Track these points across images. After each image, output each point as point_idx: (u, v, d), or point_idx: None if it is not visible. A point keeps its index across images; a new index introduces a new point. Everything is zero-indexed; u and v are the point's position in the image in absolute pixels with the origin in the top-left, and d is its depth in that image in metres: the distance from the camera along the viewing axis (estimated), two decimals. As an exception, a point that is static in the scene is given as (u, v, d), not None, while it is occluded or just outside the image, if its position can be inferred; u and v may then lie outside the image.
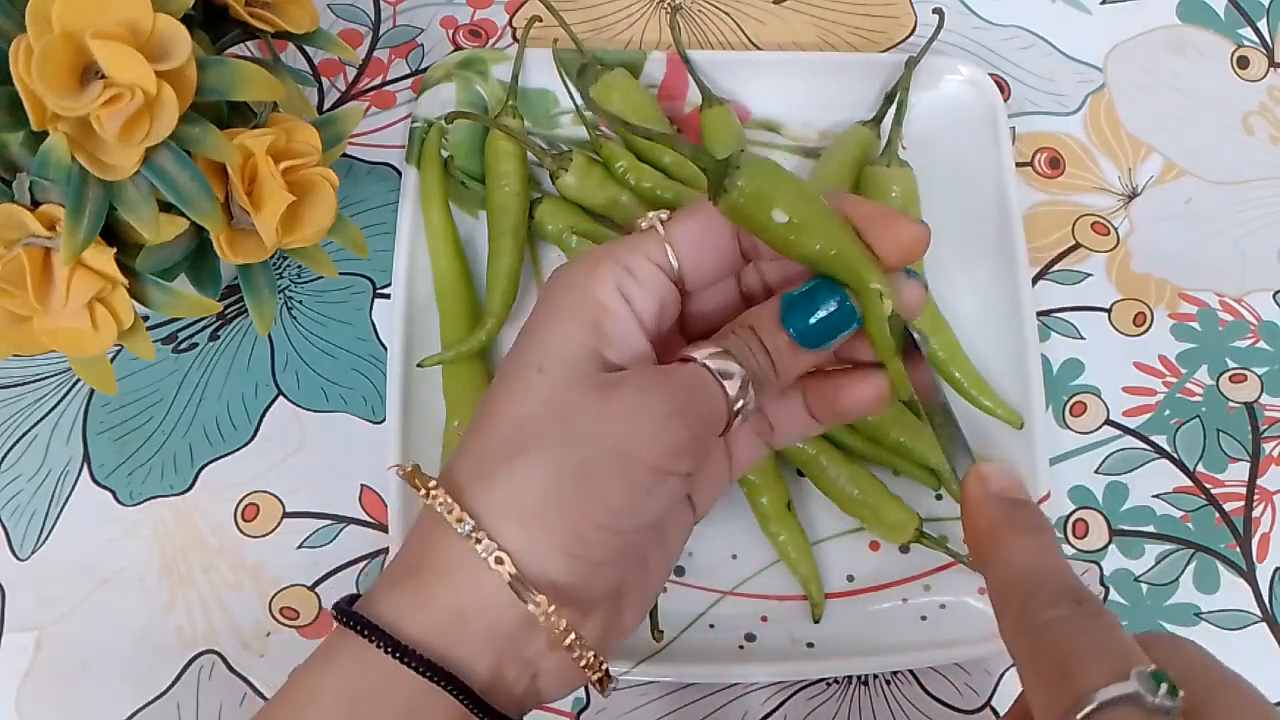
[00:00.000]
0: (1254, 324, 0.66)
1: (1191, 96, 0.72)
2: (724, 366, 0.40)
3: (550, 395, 0.39)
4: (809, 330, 0.41)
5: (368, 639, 0.37)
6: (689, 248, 0.43)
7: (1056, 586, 0.36)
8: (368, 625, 0.37)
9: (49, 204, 0.47)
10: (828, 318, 0.41)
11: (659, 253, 0.42)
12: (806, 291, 0.41)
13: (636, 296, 0.41)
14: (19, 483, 0.60)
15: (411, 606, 0.38)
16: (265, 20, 0.52)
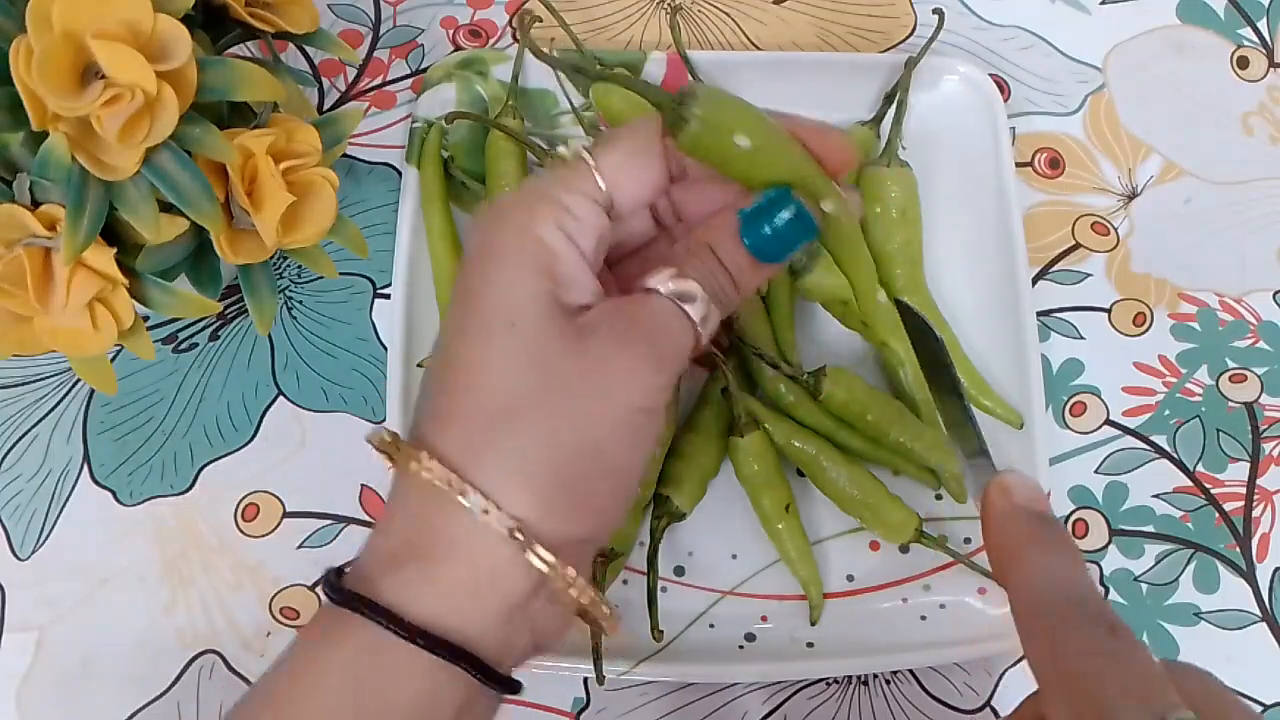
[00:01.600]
0: (1254, 324, 0.66)
1: (1191, 97, 0.72)
2: (686, 292, 0.40)
3: (530, 352, 0.38)
4: (769, 245, 0.41)
5: (379, 623, 0.36)
6: (620, 177, 0.42)
7: (1089, 614, 0.36)
8: (379, 609, 0.36)
9: (49, 204, 0.47)
10: (786, 231, 0.41)
11: (592, 186, 0.41)
12: (764, 205, 0.41)
13: (578, 235, 0.41)
14: (19, 482, 0.60)
15: (419, 586, 0.37)
16: (265, 20, 0.52)
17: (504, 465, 0.37)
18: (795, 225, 0.41)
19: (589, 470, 0.38)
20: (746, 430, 0.58)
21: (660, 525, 0.58)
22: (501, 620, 0.38)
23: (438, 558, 0.37)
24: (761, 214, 0.41)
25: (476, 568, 0.37)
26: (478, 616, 0.37)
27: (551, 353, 0.38)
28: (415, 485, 0.38)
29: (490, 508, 0.36)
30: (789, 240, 0.41)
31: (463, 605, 0.37)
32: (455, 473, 0.37)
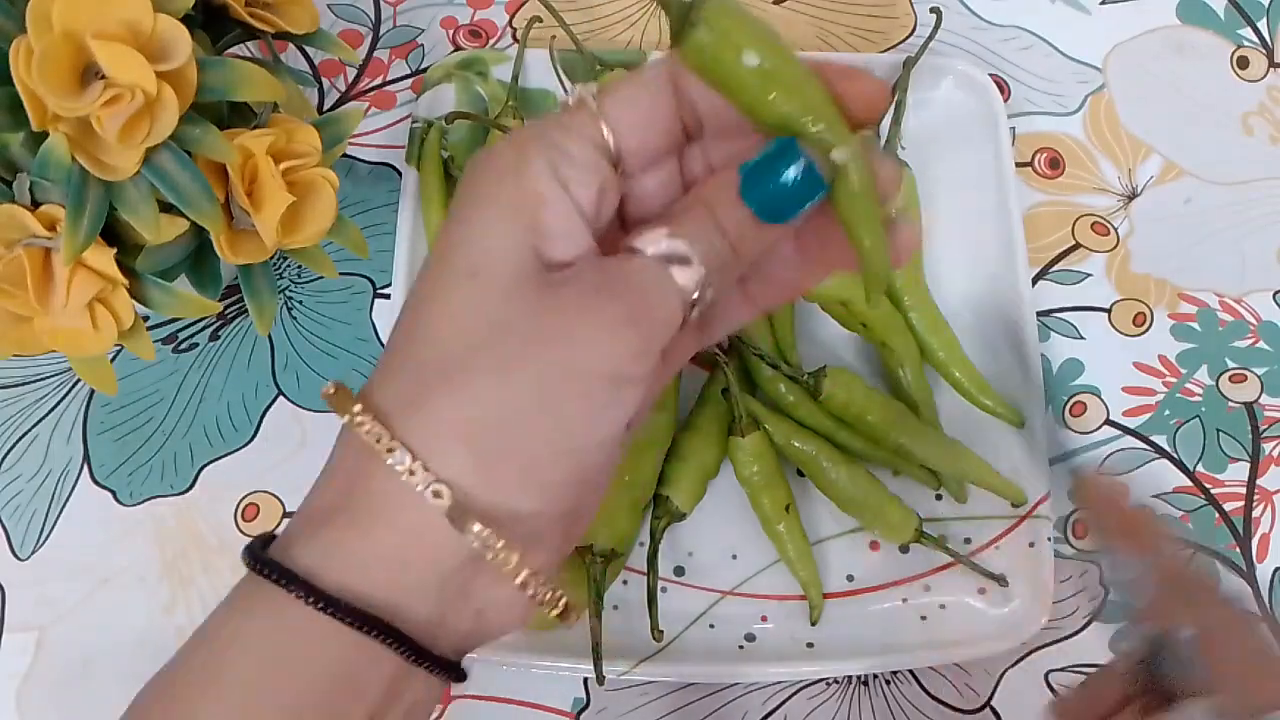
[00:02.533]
0: (1254, 324, 0.66)
1: (1191, 97, 0.72)
2: (674, 252, 0.35)
3: (488, 304, 0.34)
4: (773, 202, 0.36)
5: (288, 590, 0.33)
6: (627, 122, 0.37)
7: None
8: (287, 575, 0.33)
9: (49, 204, 0.47)
10: (793, 186, 0.36)
11: (594, 130, 0.37)
12: (766, 158, 0.36)
13: (574, 182, 0.36)
14: (19, 483, 0.60)
15: (338, 551, 0.34)
16: (265, 21, 0.52)
17: (439, 422, 0.34)
18: (801, 181, 0.36)
19: (539, 439, 0.34)
20: (746, 430, 0.58)
21: (660, 525, 0.58)
22: (431, 594, 0.34)
23: (360, 520, 0.34)
24: (764, 167, 0.36)
25: (401, 533, 0.34)
26: (402, 587, 0.34)
27: (513, 306, 0.34)
28: (349, 441, 0.35)
29: (417, 467, 0.33)
30: (794, 198, 0.36)
31: (385, 574, 0.34)
32: (387, 427, 0.34)
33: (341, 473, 0.35)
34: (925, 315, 0.62)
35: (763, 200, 0.36)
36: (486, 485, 0.33)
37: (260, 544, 0.35)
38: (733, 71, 0.35)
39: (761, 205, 0.36)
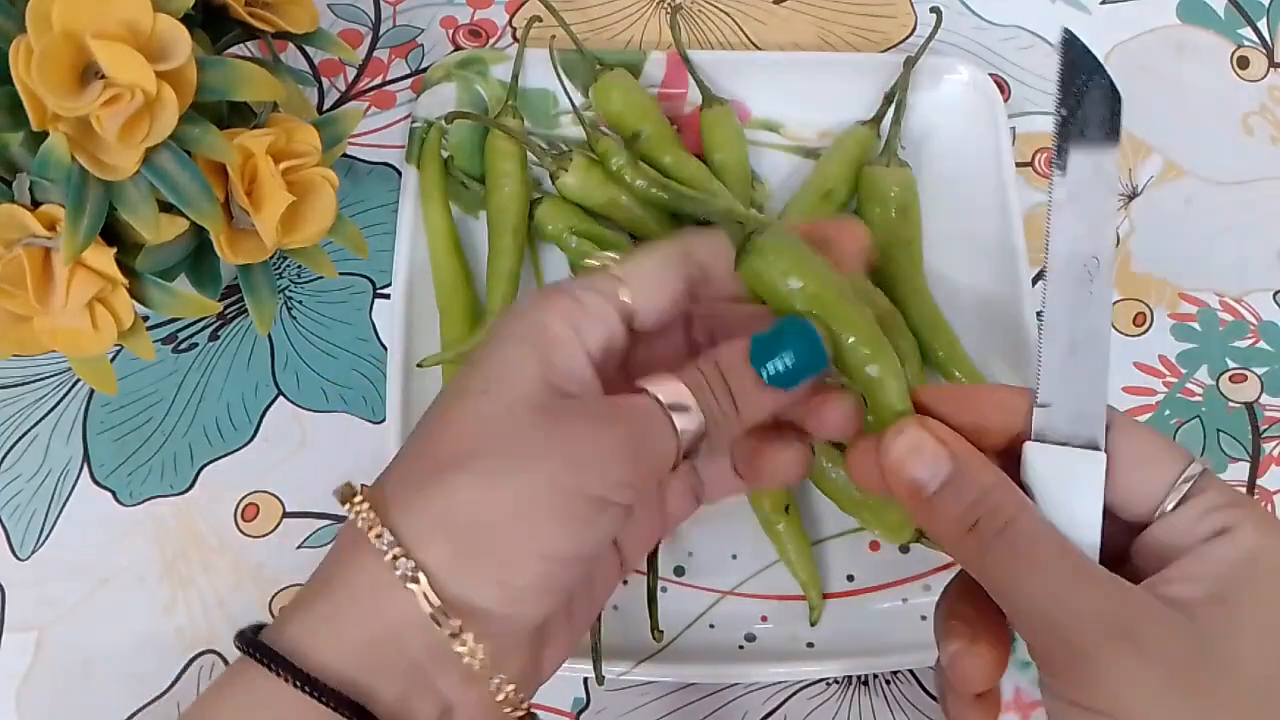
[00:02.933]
0: (1254, 324, 0.66)
1: (1191, 97, 0.72)
2: (677, 399, 0.39)
3: (491, 414, 0.38)
4: (777, 372, 0.40)
5: (268, 668, 0.35)
6: (642, 285, 0.41)
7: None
8: (265, 652, 0.35)
9: (49, 204, 0.47)
10: (798, 358, 0.40)
11: (609, 287, 0.41)
12: (776, 330, 0.40)
13: (584, 327, 0.40)
14: (19, 483, 0.60)
15: (320, 630, 0.36)
16: (265, 20, 0.52)
17: (427, 514, 0.36)
18: (806, 356, 0.40)
19: (517, 543, 0.36)
20: (746, 430, 0.58)
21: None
22: (397, 677, 0.36)
23: (344, 600, 0.36)
24: (772, 339, 0.40)
25: (378, 614, 0.36)
26: (372, 668, 0.36)
27: (513, 418, 0.37)
28: (349, 528, 0.37)
29: (400, 553, 0.35)
30: (798, 369, 0.40)
31: (361, 653, 0.36)
32: (381, 514, 0.36)
33: (334, 556, 0.38)
34: (925, 315, 0.62)
35: (769, 367, 0.40)
36: (460, 578, 0.36)
37: (252, 630, 0.37)
38: (777, 291, 0.41)
39: (769, 372, 0.40)
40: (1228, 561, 0.36)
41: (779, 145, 0.68)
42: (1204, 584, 0.36)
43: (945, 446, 0.39)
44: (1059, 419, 0.40)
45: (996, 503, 0.38)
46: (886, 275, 0.63)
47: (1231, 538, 0.37)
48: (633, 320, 0.42)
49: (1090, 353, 0.40)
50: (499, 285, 0.61)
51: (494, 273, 0.62)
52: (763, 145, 0.68)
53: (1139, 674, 0.35)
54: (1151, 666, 0.35)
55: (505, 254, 0.62)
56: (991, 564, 0.38)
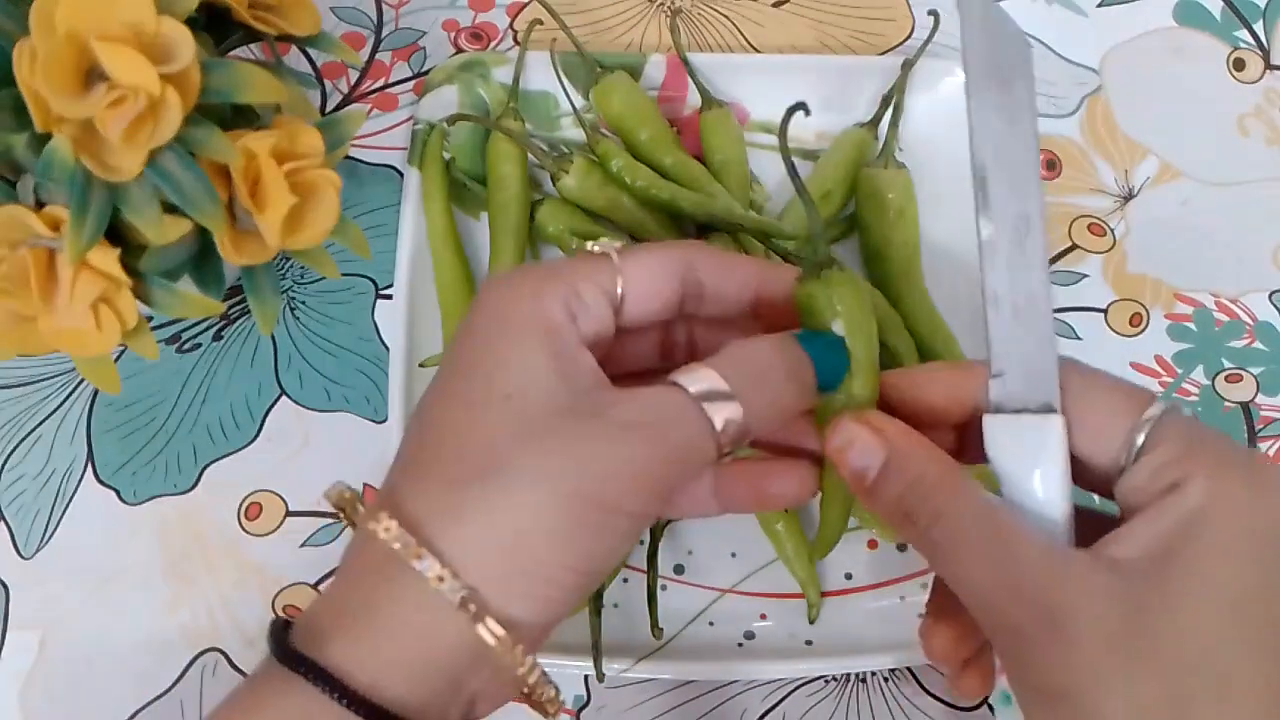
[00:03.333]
0: (1250, 324, 0.66)
1: (1187, 99, 0.72)
2: (714, 390, 0.38)
3: (521, 428, 0.36)
4: (827, 371, 0.40)
5: (319, 687, 0.35)
6: (638, 283, 0.41)
7: None
8: (322, 674, 0.35)
9: (53, 205, 0.47)
10: (839, 364, 0.41)
11: (609, 280, 0.41)
12: (818, 335, 0.41)
13: (581, 318, 0.39)
14: (23, 482, 0.60)
15: (366, 652, 0.35)
16: (268, 23, 0.52)
17: (467, 534, 0.36)
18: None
19: (555, 558, 0.36)
20: (745, 430, 0.58)
21: (660, 524, 0.58)
22: (442, 689, 0.36)
23: (386, 622, 0.36)
24: (823, 339, 0.41)
25: (424, 636, 0.36)
26: (421, 686, 0.36)
27: (548, 429, 0.36)
28: (372, 544, 0.36)
29: (446, 575, 0.35)
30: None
31: (407, 673, 0.36)
32: (415, 533, 0.36)
33: (364, 575, 0.37)
34: (923, 315, 0.62)
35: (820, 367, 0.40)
36: (503, 595, 0.36)
37: (281, 628, 0.37)
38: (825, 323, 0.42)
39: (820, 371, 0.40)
40: (1172, 518, 0.36)
41: (777, 146, 0.68)
42: (1145, 544, 0.36)
43: (880, 436, 0.40)
44: (1013, 387, 0.40)
45: (928, 490, 0.39)
46: (883, 277, 0.63)
47: (1181, 493, 0.36)
48: (620, 314, 0.41)
49: (1033, 315, 0.40)
50: (500, 286, 0.61)
51: (495, 273, 0.62)
52: (762, 147, 0.68)
53: (1070, 656, 0.35)
54: (1088, 643, 0.35)
55: (506, 255, 0.62)
56: (930, 551, 0.39)
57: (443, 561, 0.35)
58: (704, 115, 0.66)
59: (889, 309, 0.61)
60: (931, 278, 0.64)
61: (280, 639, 0.36)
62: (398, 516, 0.36)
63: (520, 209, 0.63)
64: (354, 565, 0.38)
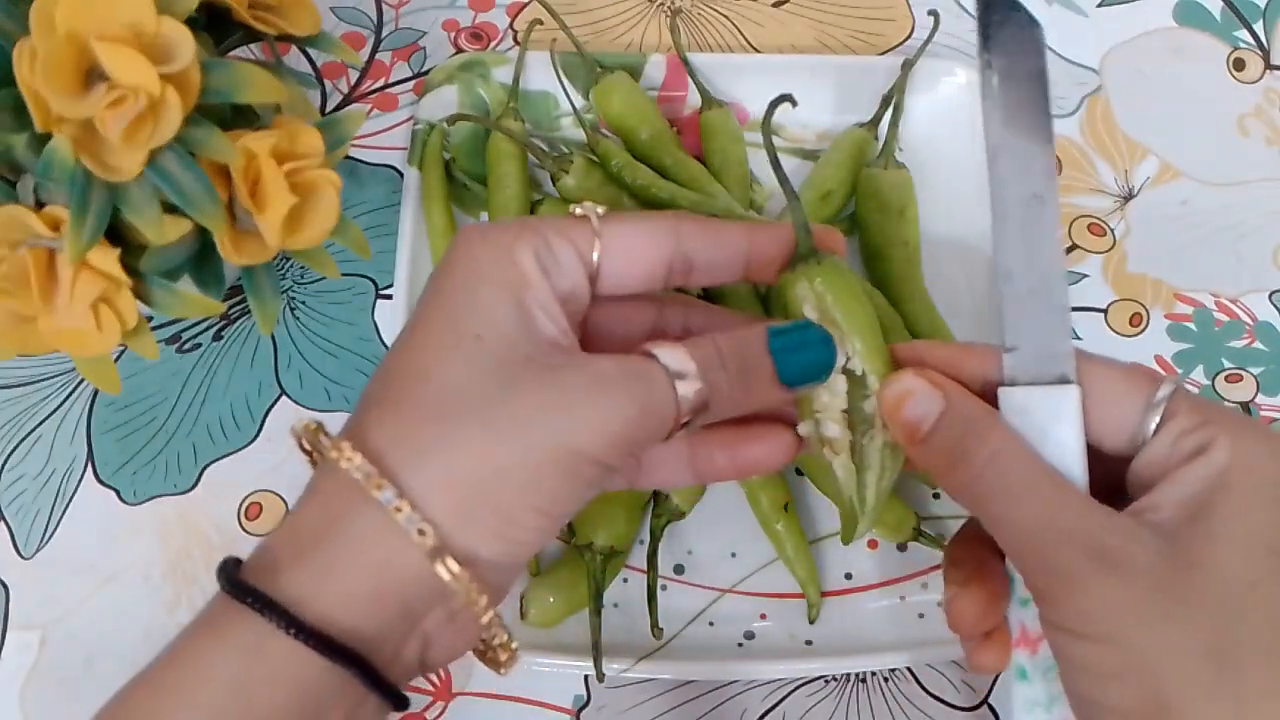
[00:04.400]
0: (1250, 324, 0.66)
1: (1187, 99, 0.72)
2: (682, 368, 0.39)
3: (491, 368, 0.37)
4: (795, 366, 0.41)
5: (269, 619, 0.34)
6: (618, 249, 0.41)
7: None
8: (270, 605, 0.35)
9: (53, 205, 0.47)
10: (815, 360, 0.42)
11: (585, 241, 0.41)
12: (799, 327, 0.42)
13: (554, 273, 0.40)
14: (23, 481, 0.60)
15: (319, 583, 0.35)
16: (268, 23, 0.52)
17: (431, 467, 0.36)
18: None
19: (518, 499, 0.36)
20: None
21: (660, 524, 0.58)
22: (396, 625, 0.36)
23: (342, 552, 0.36)
24: (795, 334, 0.42)
25: (379, 567, 0.36)
26: (373, 619, 0.36)
27: (517, 374, 0.37)
28: (334, 475, 0.37)
29: (404, 505, 0.35)
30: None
31: (360, 605, 0.36)
32: (378, 465, 0.36)
33: (324, 506, 0.37)
34: (923, 316, 0.62)
35: (787, 361, 0.41)
36: (464, 531, 0.36)
37: (232, 565, 0.37)
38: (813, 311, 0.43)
39: (785, 366, 0.41)
40: (1201, 481, 0.37)
41: (778, 147, 0.68)
42: (1180, 507, 0.37)
43: (939, 387, 0.41)
44: (1027, 360, 0.41)
45: (984, 432, 0.40)
46: (884, 276, 0.63)
47: (1206, 458, 0.38)
48: (597, 282, 0.42)
49: (1048, 290, 0.42)
50: (500, 286, 0.61)
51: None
52: (762, 147, 0.68)
53: (1121, 595, 0.36)
54: (1132, 587, 0.36)
55: (506, 255, 0.62)
56: (982, 493, 0.40)
57: (403, 494, 0.35)
58: (704, 115, 0.66)
59: (889, 309, 0.61)
60: (932, 278, 0.64)
61: (230, 574, 0.36)
62: (362, 449, 0.36)
63: (520, 209, 0.63)
64: (314, 498, 0.38)
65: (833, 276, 0.43)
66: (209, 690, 0.35)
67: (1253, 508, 0.37)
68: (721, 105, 0.66)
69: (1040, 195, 0.42)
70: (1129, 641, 0.36)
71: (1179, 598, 0.36)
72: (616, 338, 0.44)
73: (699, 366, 0.39)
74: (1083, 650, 0.37)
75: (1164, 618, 0.36)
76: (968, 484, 0.40)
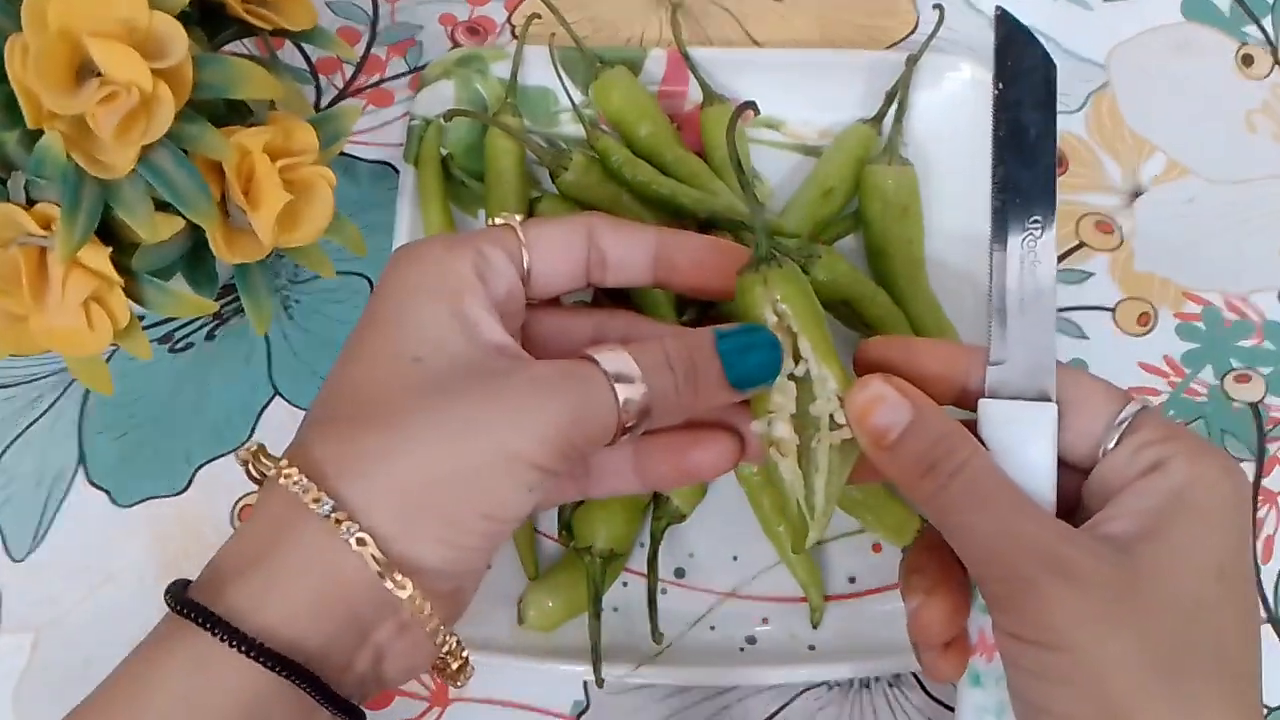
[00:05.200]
0: (1258, 323, 0.65)
1: (1195, 95, 0.72)
2: (623, 371, 0.40)
3: (430, 382, 0.38)
4: (743, 368, 0.42)
5: (212, 633, 0.35)
6: (543, 250, 0.44)
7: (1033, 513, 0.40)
8: (211, 618, 0.35)
9: (45, 202, 0.47)
10: (762, 362, 0.42)
11: (514, 246, 0.43)
12: (746, 332, 0.43)
13: (491, 282, 0.41)
14: (15, 484, 0.60)
15: (261, 595, 0.36)
16: (262, 18, 0.52)
17: (371, 478, 0.37)
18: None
19: (461, 504, 0.37)
20: (747, 431, 0.57)
21: (660, 527, 0.57)
22: (343, 636, 0.37)
23: (284, 565, 0.37)
24: (742, 337, 0.42)
25: (322, 578, 0.36)
26: (319, 630, 0.36)
27: (456, 384, 0.38)
28: (276, 493, 0.38)
29: (344, 517, 0.36)
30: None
31: (304, 617, 0.36)
32: (318, 480, 0.37)
33: (267, 522, 0.38)
34: (927, 313, 0.61)
35: (736, 364, 0.42)
36: (406, 538, 0.37)
37: (181, 586, 0.38)
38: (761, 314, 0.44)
39: (734, 368, 0.42)
40: (1158, 495, 0.39)
41: (780, 143, 0.68)
42: (1136, 519, 0.39)
43: (907, 395, 0.41)
44: (1012, 375, 0.43)
45: (953, 446, 0.41)
46: (887, 274, 0.62)
47: (1163, 472, 0.39)
48: (528, 284, 0.44)
49: (1038, 310, 0.43)
50: (498, 284, 0.61)
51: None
52: (764, 143, 0.68)
53: (1076, 604, 0.37)
54: (1087, 597, 0.37)
55: (504, 253, 0.61)
56: (947, 504, 0.40)
57: (342, 504, 0.36)
58: (705, 111, 0.66)
59: (893, 307, 0.61)
60: (936, 275, 0.63)
61: (176, 592, 0.37)
62: (302, 466, 0.37)
63: (519, 206, 0.62)
64: (258, 516, 0.39)
65: (787, 279, 0.44)
66: (157, 704, 0.36)
67: (1206, 529, 0.38)
68: (723, 101, 0.66)
69: (1040, 219, 0.44)
70: (1081, 650, 0.37)
71: (1132, 608, 0.37)
72: (559, 348, 0.46)
73: (644, 369, 0.40)
74: (1035, 657, 0.38)
75: (1116, 627, 0.36)
76: (933, 493, 0.40)
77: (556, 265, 0.44)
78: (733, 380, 0.42)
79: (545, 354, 0.43)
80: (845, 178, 0.64)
